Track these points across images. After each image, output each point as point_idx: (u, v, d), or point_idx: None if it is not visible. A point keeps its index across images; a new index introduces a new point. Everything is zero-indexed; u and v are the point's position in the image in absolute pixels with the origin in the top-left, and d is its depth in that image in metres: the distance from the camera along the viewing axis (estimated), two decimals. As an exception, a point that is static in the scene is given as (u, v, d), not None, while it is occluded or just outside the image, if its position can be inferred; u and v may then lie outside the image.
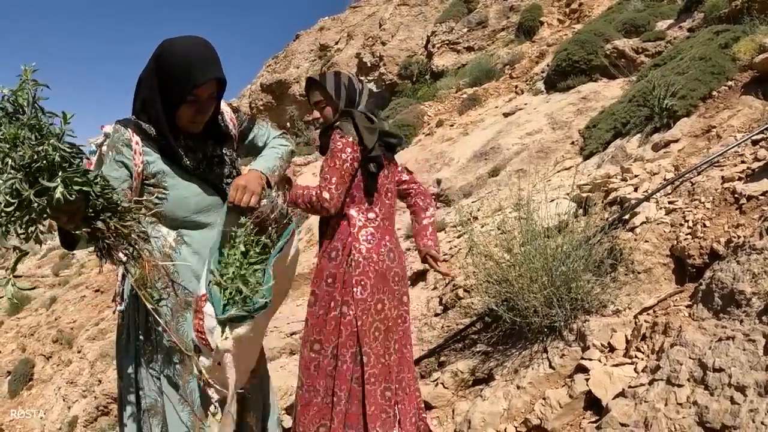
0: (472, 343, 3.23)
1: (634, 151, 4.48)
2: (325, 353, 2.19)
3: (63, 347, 11.13)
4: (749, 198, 2.64)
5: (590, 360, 2.38)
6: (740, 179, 2.83)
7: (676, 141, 3.97)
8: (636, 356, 2.28)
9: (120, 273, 1.73)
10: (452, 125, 9.55)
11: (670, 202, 3.06)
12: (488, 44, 13.15)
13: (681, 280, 2.63)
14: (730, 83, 4.19)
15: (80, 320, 11.68)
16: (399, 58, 15.46)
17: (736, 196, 2.71)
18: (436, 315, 3.87)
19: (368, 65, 16.13)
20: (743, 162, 2.97)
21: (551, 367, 2.51)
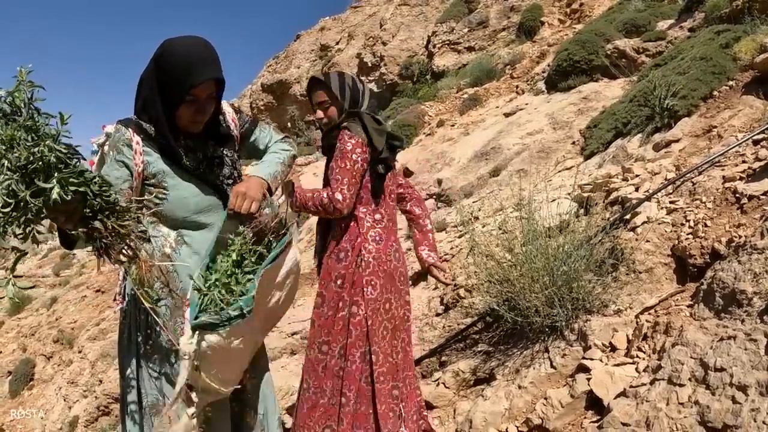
0: (474, 343, 3.23)
1: (635, 151, 4.47)
2: (333, 354, 2.19)
3: (64, 347, 11.13)
4: (750, 198, 2.64)
5: (592, 360, 2.38)
6: (741, 179, 2.83)
7: (677, 141, 3.97)
8: (637, 356, 2.27)
9: (122, 272, 1.73)
10: (453, 125, 9.54)
11: (672, 202, 3.06)
12: (489, 44, 13.15)
13: (682, 280, 2.63)
14: (731, 83, 4.19)
15: (81, 320, 11.67)
16: (400, 58, 15.46)
17: (737, 196, 2.71)
18: (438, 315, 3.87)
19: (369, 65, 16.13)
20: (744, 162, 2.97)
21: (552, 367, 2.51)
